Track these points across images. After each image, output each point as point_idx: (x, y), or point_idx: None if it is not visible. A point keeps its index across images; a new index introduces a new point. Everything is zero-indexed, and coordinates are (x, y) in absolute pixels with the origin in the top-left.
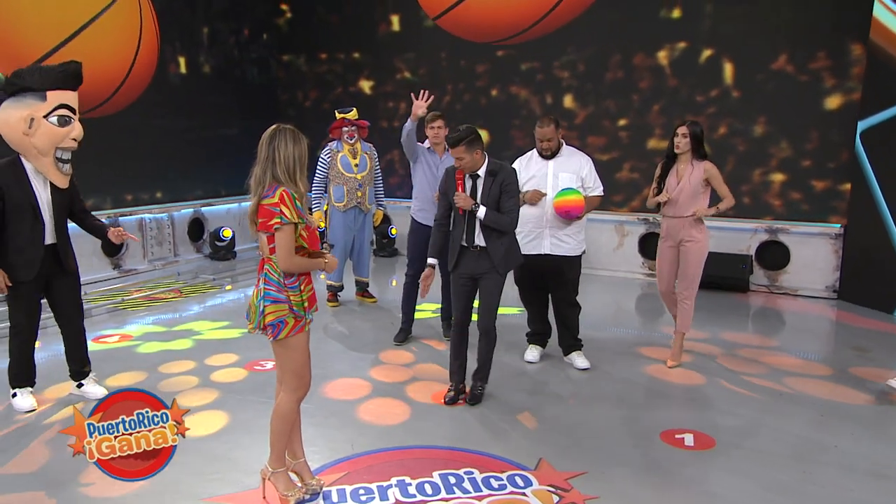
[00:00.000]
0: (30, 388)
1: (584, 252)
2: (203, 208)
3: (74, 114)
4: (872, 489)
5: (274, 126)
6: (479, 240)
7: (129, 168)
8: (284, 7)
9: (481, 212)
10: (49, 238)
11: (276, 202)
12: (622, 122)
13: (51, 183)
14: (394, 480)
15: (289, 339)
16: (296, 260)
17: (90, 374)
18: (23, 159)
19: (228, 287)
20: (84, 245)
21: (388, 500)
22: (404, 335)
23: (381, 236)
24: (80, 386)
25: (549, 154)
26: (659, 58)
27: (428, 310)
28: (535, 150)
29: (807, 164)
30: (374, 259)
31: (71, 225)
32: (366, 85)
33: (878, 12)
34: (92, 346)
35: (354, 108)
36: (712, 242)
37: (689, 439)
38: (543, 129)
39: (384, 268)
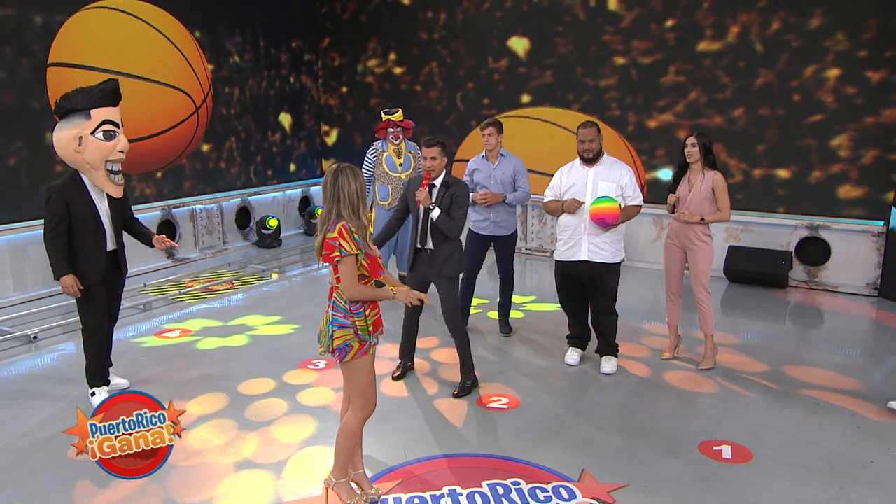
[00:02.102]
0: (106, 387)
1: (623, 260)
2: (249, 197)
3: (118, 127)
4: None
5: (335, 165)
6: (430, 243)
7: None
8: None
9: (436, 212)
10: (110, 245)
11: (335, 237)
12: (669, 23)
13: (107, 194)
14: (445, 490)
15: (354, 362)
16: (360, 289)
17: (111, 367)
18: (81, 174)
19: (274, 275)
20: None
21: None
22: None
23: None
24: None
25: (590, 157)
26: None
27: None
28: (577, 159)
29: (862, 54)
30: None
31: None
32: None
33: None
34: (155, 340)
35: (400, 110)
36: (751, 237)
37: (727, 451)
38: (586, 130)
39: None
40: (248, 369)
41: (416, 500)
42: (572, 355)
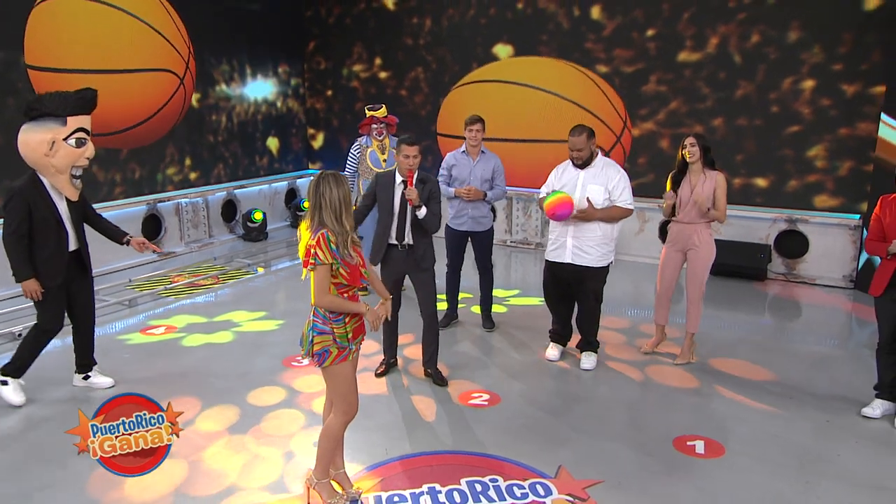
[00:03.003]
0: (21, 381)
1: (611, 263)
2: (235, 190)
3: (89, 135)
4: (871, 502)
5: (318, 174)
6: (409, 238)
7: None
8: None
9: (423, 211)
10: (72, 245)
11: (313, 244)
12: (650, 33)
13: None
14: (425, 487)
15: (333, 367)
16: (329, 298)
17: (95, 366)
18: (40, 176)
19: (260, 269)
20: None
21: None
22: (448, 320)
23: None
24: (86, 378)
25: (581, 163)
26: None
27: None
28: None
29: (837, 67)
30: None
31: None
32: (389, 0)
33: None
34: (140, 337)
35: (384, 106)
36: (731, 231)
37: (700, 447)
38: (575, 138)
39: None
40: (232, 367)
41: (396, 498)
42: (553, 351)
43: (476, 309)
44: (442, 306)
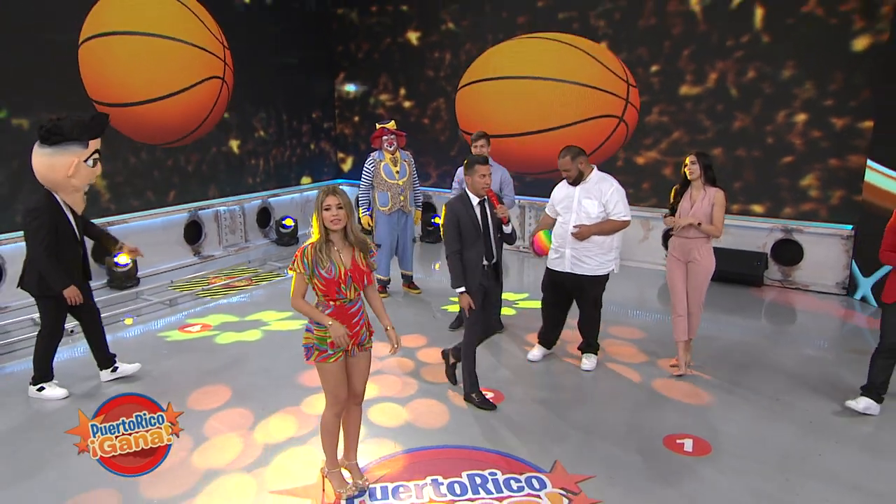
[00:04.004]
0: (55, 381)
1: (612, 271)
2: (270, 199)
3: (100, 156)
4: (847, 500)
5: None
6: (495, 256)
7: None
8: None
9: (510, 226)
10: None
11: (296, 253)
12: (654, 69)
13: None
14: (428, 479)
15: (318, 364)
16: (298, 303)
17: (115, 358)
18: (54, 194)
19: (290, 269)
20: (169, 234)
21: (423, 498)
22: (458, 322)
23: (426, 224)
24: (114, 370)
25: (573, 181)
26: (691, 3)
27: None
28: None
29: (829, 102)
30: (420, 245)
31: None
32: (413, 36)
33: None
34: (178, 334)
35: (393, 120)
36: (730, 239)
37: (688, 445)
38: (561, 160)
39: (429, 253)
40: (258, 363)
41: (402, 489)
42: (536, 352)
43: None
44: (454, 308)
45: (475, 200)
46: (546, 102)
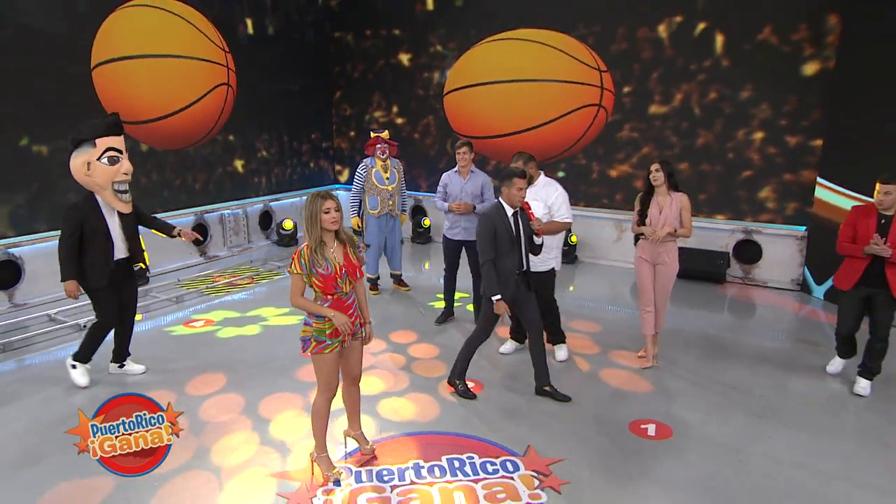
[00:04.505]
0: (87, 366)
1: (554, 268)
2: (271, 203)
3: (121, 154)
4: (791, 478)
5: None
6: (526, 265)
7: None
8: None
9: (541, 238)
10: (119, 254)
11: (293, 256)
12: (626, 90)
13: (117, 210)
14: (410, 463)
15: (314, 355)
16: (298, 300)
17: (129, 357)
18: (94, 194)
19: (289, 270)
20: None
21: (404, 480)
22: (445, 317)
23: (417, 226)
24: (121, 366)
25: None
26: (659, 31)
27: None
28: None
29: (783, 122)
30: (411, 245)
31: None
32: (404, 58)
33: None
34: (183, 329)
35: (386, 130)
36: (695, 240)
37: (651, 429)
38: (513, 165)
39: (420, 254)
40: (256, 356)
41: (385, 472)
42: (508, 346)
43: (470, 307)
44: (440, 304)
45: (510, 211)
46: (529, 103)
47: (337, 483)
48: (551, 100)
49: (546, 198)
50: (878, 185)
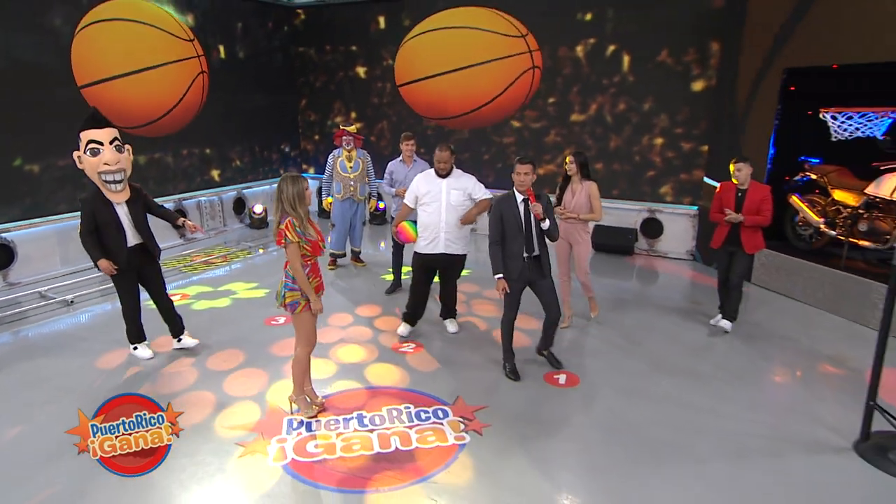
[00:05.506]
0: (144, 343)
1: (466, 253)
2: (245, 190)
3: (102, 145)
4: (672, 413)
5: (282, 176)
6: (535, 249)
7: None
8: (300, 11)
9: (546, 223)
10: (132, 241)
11: (283, 229)
12: (551, 100)
13: (125, 199)
14: (354, 414)
15: (301, 315)
16: (299, 271)
17: (185, 331)
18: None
19: (261, 250)
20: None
21: (349, 429)
22: (393, 288)
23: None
24: (179, 340)
25: (444, 174)
26: (577, 51)
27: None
28: (432, 170)
29: (679, 130)
30: (369, 226)
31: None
32: (361, 70)
33: None
34: None
35: (355, 125)
36: (611, 219)
37: (562, 379)
38: (442, 153)
39: (377, 233)
40: (226, 325)
41: (332, 422)
42: (404, 328)
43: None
44: (389, 277)
45: (519, 198)
46: (477, 85)
47: (313, 420)
48: (494, 77)
49: (465, 186)
50: (731, 165)
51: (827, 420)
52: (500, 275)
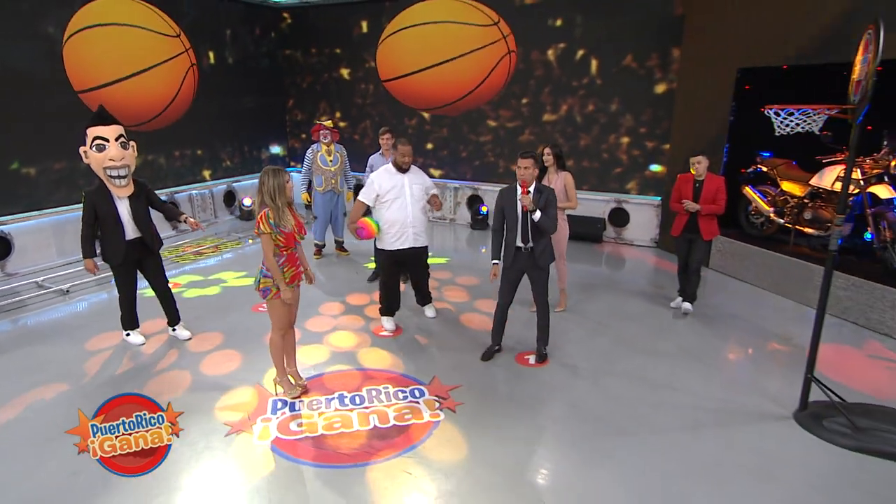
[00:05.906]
0: (138, 329)
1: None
2: (234, 183)
3: (107, 141)
4: (632, 389)
5: (263, 169)
6: (531, 240)
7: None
8: (286, 14)
9: (537, 214)
10: (131, 234)
11: (258, 220)
12: (525, 101)
13: (127, 195)
14: (336, 394)
15: (272, 301)
16: (270, 260)
17: (180, 322)
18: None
19: (250, 241)
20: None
21: (330, 408)
22: (374, 276)
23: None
24: (174, 330)
25: (406, 168)
26: (548, 55)
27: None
28: (391, 166)
29: (643, 130)
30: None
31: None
32: (344, 72)
33: None
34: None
35: (330, 119)
36: (581, 209)
37: (532, 359)
38: (405, 147)
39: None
40: (215, 311)
41: (315, 403)
42: (389, 323)
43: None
44: (371, 265)
45: (519, 191)
46: (458, 76)
47: (296, 400)
48: (474, 67)
49: (423, 181)
50: (691, 159)
51: (771, 392)
52: (497, 261)
